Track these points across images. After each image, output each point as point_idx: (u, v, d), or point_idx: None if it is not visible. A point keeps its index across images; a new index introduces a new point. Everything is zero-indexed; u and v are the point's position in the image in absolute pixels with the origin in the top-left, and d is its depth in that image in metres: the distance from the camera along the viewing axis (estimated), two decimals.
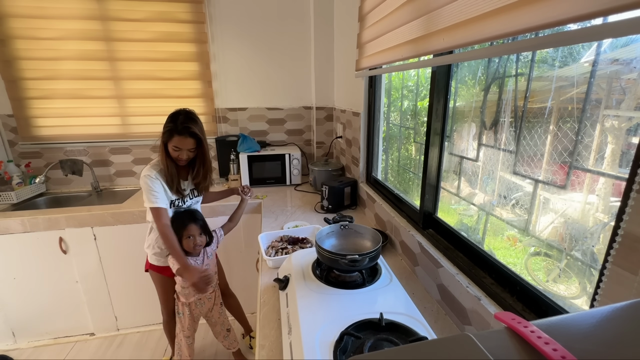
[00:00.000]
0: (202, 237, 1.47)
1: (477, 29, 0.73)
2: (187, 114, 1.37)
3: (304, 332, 0.74)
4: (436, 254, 1.07)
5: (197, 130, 1.35)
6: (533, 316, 0.76)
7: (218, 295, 1.69)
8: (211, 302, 1.65)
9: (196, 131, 1.35)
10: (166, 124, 1.35)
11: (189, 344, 1.66)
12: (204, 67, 2.30)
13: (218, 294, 1.69)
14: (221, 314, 1.72)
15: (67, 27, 2.07)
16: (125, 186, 2.45)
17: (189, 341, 1.66)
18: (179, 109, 1.39)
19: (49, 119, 2.23)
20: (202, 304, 1.63)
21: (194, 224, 1.44)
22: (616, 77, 0.73)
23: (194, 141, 1.37)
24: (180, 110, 1.38)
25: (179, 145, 1.35)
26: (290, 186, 2.36)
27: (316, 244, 0.98)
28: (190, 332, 1.66)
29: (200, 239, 1.45)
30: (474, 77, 1.20)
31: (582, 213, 0.85)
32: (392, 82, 1.77)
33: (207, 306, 1.65)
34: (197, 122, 1.38)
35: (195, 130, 1.35)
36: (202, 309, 1.64)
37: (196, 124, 1.37)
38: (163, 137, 1.35)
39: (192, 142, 1.36)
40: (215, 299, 1.67)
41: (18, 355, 2.00)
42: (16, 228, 1.83)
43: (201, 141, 1.39)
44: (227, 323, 1.77)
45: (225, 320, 1.76)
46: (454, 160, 1.29)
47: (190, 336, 1.67)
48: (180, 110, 1.37)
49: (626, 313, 0.31)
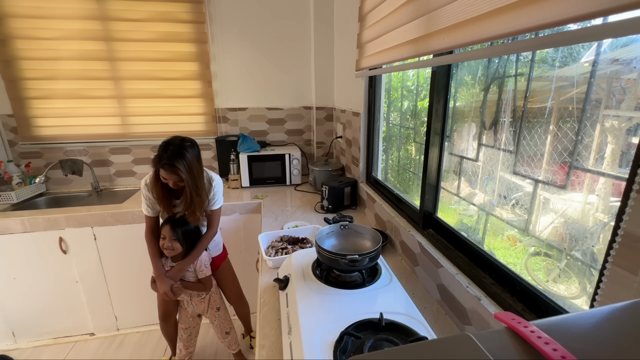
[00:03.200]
0: (175, 244, 1.44)
1: (477, 29, 0.73)
2: (177, 147, 1.31)
3: (304, 332, 0.74)
4: (436, 254, 1.07)
5: (181, 169, 1.29)
6: (533, 316, 0.76)
7: (214, 301, 1.68)
8: (204, 305, 1.66)
9: (179, 170, 1.29)
10: (157, 152, 1.33)
11: (186, 335, 1.72)
12: (204, 67, 2.30)
13: (214, 299, 1.68)
14: (217, 318, 1.72)
15: (67, 27, 2.07)
16: (125, 186, 2.45)
17: (187, 332, 1.72)
18: (173, 138, 1.35)
19: (49, 119, 2.23)
20: (194, 305, 1.65)
21: (169, 227, 1.44)
22: (616, 77, 0.73)
23: (177, 177, 1.32)
24: (174, 140, 1.34)
25: (164, 176, 1.34)
26: (290, 186, 2.36)
27: (316, 244, 0.98)
28: (187, 325, 1.70)
29: (170, 244, 1.43)
30: (474, 77, 1.20)
31: (582, 213, 0.85)
32: (391, 82, 1.77)
33: (200, 308, 1.67)
34: (184, 156, 1.30)
35: (179, 169, 1.29)
36: (194, 309, 1.67)
37: (182, 159, 1.30)
38: (152, 164, 1.34)
39: (175, 177, 1.33)
40: (210, 304, 1.67)
41: (18, 355, 2.00)
42: (16, 228, 1.83)
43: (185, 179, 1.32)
44: (225, 326, 1.77)
45: (223, 324, 1.76)
46: (454, 160, 1.29)
47: (188, 328, 1.71)
48: (172, 141, 1.33)
49: (626, 313, 0.31)
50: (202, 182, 1.42)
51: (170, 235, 1.43)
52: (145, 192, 1.44)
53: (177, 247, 1.45)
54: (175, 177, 1.33)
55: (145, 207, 1.47)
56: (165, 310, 1.65)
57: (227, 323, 1.77)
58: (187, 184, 1.35)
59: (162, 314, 1.65)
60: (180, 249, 1.47)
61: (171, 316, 1.68)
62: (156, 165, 1.32)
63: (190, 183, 1.35)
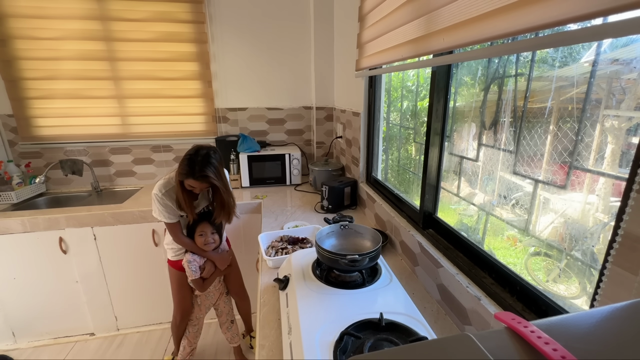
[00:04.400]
0: (215, 236, 1.53)
1: (477, 29, 0.73)
2: (206, 155, 1.33)
3: (304, 332, 0.74)
4: (436, 254, 1.07)
5: (213, 177, 1.33)
6: (533, 316, 0.76)
7: (224, 285, 1.77)
8: (218, 292, 1.73)
9: (212, 179, 1.33)
10: (182, 166, 1.31)
11: (194, 331, 1.75)
12: (204, 67, 2.30)
13: (222, 284, 1.77)
14: (226, 304, 1.80)
15: (67, 27, 2.07)
16: (125, 186, 2.45)
17: (195, 329, 1.75)
18: (197, 149, 1.34)
19: (49, 119, 2.23)
20: (212, 295, 1.71)
21: (207, 222, 1.50)
22: (616, 77, 0.73)
23: (208, 185, 1.37)
24: (199, 151, 1.34)
25: (192, 185, 1.35)
26: (290, 186, 2.36)
27: (316, 244, 0.98)
28: (198, 321, 1.74)
29: (212, 237, 1.51)
30: (474, 77, 1.20)
31: (582, 213, 0.85)
32: (391, 82, 1.77)
33: (215, 296, 1.73)
34: (213, 164, 1.34)
35: (212, 178, 1.33)
36: (211, 299, 1.72)
37: (212, 167, 1.33)
38: (179, 177, 1.34)
39: (206, 184, 1.36)
40: (222, 289, 1.76)
41: (18, 355, 2.00)
42: (16, 228, 1.83)
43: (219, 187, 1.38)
44: (232, 314, 1.84)
45: (231, 311, 1.83)
46: (454, 160, 1.29)
47: (197, 324, 1.75)
48: (198, 151, 1.33)
49: (626, 313, 0.31)
50: (228, 185, 1.48)
51: (210, 230, 1.51)
52: (164, 202, 1.40)
53: (217, 239, 1.55)
54: (207, 185, 1.37)
55: (166, 215, 1.42)
56: (184, 309, 1.66)
57: (232, 310, 1.84)
58: (220, 190, 1.41)
59: (182, 313, 1.66)
60: (219, 241, 1.56)
61: (190, 314, 1.69)
62: (187, 176, 1.31)
63: (223, 189, 1.41)
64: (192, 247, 1.51)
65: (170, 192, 1.40)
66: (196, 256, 1.53)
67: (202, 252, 1.53)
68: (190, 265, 1.50)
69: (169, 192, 1.40)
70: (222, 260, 1.60)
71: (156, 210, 1.43)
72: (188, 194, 1.40)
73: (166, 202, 1.40)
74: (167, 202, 1.40)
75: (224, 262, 1.61)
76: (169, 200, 1.40)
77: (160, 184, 1.41)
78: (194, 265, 1.51)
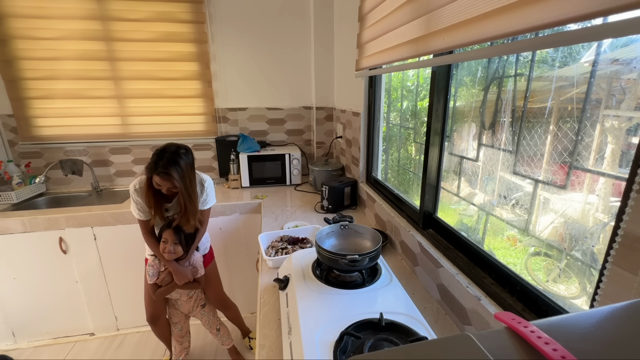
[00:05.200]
0: (177, 248, 1.45)
1: (477, 29, 0.73)
2: (173, 155, 1.31)
3: (304, 332, 0.74)
4: (436, 254, 1.07)
5: (175, 176, 1.30)
6: (533, 316, 0.76)
7: (200, 299, 1.72)
8: (189, 304, 1.69)
9: (174, 178, 1.30)
10: (149, 161, 1.33)
11: (177, 330, 1.73)
12: (204, 67, 2.30)
13: (199, 297, 1.71)
14: (204, 315, 1.75)
15: (67, 27, 2.07)
16: (125, 186, 2.45)
17: (177, 328, 1.73)
18: (169, 145, 1.35)
19: (49, 119, 2.23)
20: (180, 304, 1.68)
21: (172, 231, 1.44)
22: (616, 77, 0.73)
23: (171, 183, 1.32)
24: (169, 147, 1.34)
25: (158, 182, 1.33)
26: (290, 186, 2.36)
27: (316, 244, 0.98)
28: (177, 319, 1.72)
29: (173, 247, 1.44)
30: (474, 77, 1.20)
31: (582, 213, 0.85)
32: (391, 82, 1.77)
33: (186, 307, 1.69)
34: (179, 164, 1.32)
35: (173, 177, 1.30)
36: (183, 309, 1.70)
37: (178, 167, 1.31)
38: (145, 171, 1.34)
39: (169, 183, 1.33)
40: (196, 301, 1.70)
41: (18, 355, 2.00)
42: (16, 228, 1.83)
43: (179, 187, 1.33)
44: (215, 323, 1.80)
45: (212, 321, 1.78)
46: (454, 160, 1.29)
47: (178, 322, 1.72)
48: (168, 147, 1.34)
49: (626, 313, 0.31)
50: (194, 190, 1.43)
51: (173, 239, 1.43)
52: (135, 197, 1.42)
53: (179, 251, 1.46)
54: (170, 184, 1.33)
55: (137, 211, 1.45)
56: (153, 312, 1.63)
57: (215, 319, 1.80)
58: (180, 193, 1.36)
59: (149, 316, 1.64)
60: (181, 253, 1.47)
61: (160, 317, 1.66)
62: (151, 172, 1.32)
63: (184, 191, 1.36)
64: (156, 250, 1.48)
65: (144, 189, 1.40)
66: (157, 262, 1.51)
67: (163, 258, 1.47)
68: (149, 269, 1.50)
69: (143, 189, 1.40)
70: (180, 275, 1.49)
71: (131, 204, 1.46)
72: (156, 192, 1.40)
73: (137, 198, 1.42)
74: (138, 198, 1.42)
75: (181, 277, 1.49)
76: (141, 197, 1.42)
77: (137, 180, 1.44)
78: (152, 270, 1.50)
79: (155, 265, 1.51)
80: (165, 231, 1.45)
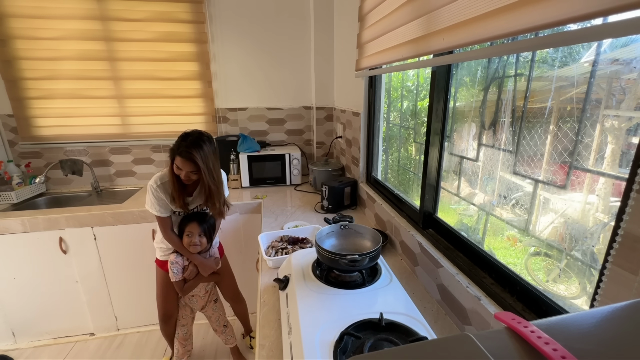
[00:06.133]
0: (202, 239, 1.47)
1: (477, 29, 0.73)
2: (197, 138, 1.34)
3: (304, 332, 0.74)
4: (436, 254, 1.07)
5: (198, 158, 1.31)
6: (533, 316, 0.76)
7: (213, 293, 1.74)
8: (204, 299, 1.69)
9: (196, 158, 1.31)
10: (175, 143, 1.35)
11: (183, 333, 1.72)
12: (204, 67, 2.30)
13: (212, 292, 1.74)
14: (215, 311, 1.76)
15: (67, 27, 2.07)
16: (125, 186, 2.45)
17: (183, 330, 1.72)
18: (193, 130, 1.37)
19: (49, 119, 2.23)
20: (195, 301, 1.68)
21: (196, 223, 1.46)
22: (616, 77, 0.73)
23: (193, 165, 1.33)
24: (194, 131, 1.36)
25: (179, 165, 1.34)
26: (290, 186, 2.36)
27: (316, 244, 0.98)
28: (185, 321, 1.72)
29: (199, 240, 1.46)
30: (474, 77, 1.20)
31: (582, 213, 0.85)
32: (391, 82, 1.77)
33: (201, 303, 1.69)
34: (202, 148, 1.33)
35: (196, 157, 1.31)
36: (195, 305, 1.70)
37: (200, 150, 1.32)
38: (169, 153, 1.36)
39: (191, 165, 1.33)
40: (209, 296, 1.72)
41: (18, 355, 2.00)
42: (16, 228, 1.83)
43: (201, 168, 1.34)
44: (223, 319, 1.80)
45: (221, 317, 1.79)
46: (454, 160, 1.29)
47: (185, 325, 1.72)
48: (192, 132, 1.36)
49: (626, 313, 0.31)
50: (218, 173, 1.45)
51: (198, 231, 1.45)
52: (157, 193, 1.40)
53: (204, 243, 1.48)
54: (191, 166, 1.33)
55: (157, 208, 1.42)
56: (166, 310, 1.65)
57: (223, 316, 1.81)
58: (203, 174, 1.36)
59: (162, 315, 1.65)
60: (206, 244, 1.50)
61: (172, 316, 1.68)
62: (173, 153, 1.33)
63: (207, 173, 1.37)
64: (178, 245, 1.48)
65: (165, 185, 1.40)
66: (180, 258, 1.51)
67: (187, 253, 1.49)
68: (173, 266, 1.49)
69: (165, 185, 1.40)
70: (206, 267, 1.53)
71: (149, 202, 1.43)
72: (180, 183, 1.40)
73: (159, 195, 1.40)
74: (160, 194, 1.40)
75: (207, 269, 1.54)
76: (163, 193, 1.41)
77: (157, 176, 1.42)
78: (176, 267, 1.50)
79: (178, 262, 1.51)
80: (189, 224, 1.46)
